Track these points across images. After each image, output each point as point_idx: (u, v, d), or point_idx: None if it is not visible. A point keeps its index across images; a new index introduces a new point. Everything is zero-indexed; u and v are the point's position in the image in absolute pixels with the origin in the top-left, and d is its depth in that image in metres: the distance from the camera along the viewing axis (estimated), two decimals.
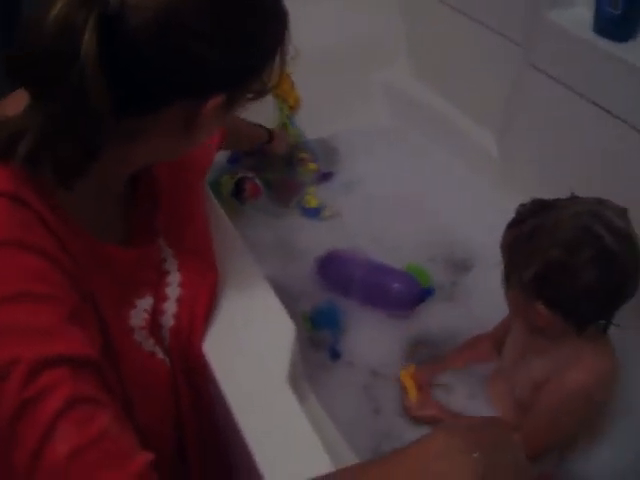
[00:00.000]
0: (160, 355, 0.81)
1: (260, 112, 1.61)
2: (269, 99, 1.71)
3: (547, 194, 1.04)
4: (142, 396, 0.77)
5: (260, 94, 0.78)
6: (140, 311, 0.80)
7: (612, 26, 1.27)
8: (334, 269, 1.45)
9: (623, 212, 0.99)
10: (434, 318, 1.39)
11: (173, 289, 0.85)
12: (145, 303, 0.81)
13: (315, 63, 1.73)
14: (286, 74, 1.70)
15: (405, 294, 1.39)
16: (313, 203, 1.64)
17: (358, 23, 1.80)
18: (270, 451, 0.74)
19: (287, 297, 1.32)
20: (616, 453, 1.09)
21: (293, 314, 1.29)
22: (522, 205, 1.04)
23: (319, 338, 1.34)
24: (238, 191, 1.58)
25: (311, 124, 1.76)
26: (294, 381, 0.82)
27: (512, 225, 1.04)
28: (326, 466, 0.72)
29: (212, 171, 1.53)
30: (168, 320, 0.84)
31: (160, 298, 0.84)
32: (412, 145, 1.77)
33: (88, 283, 0.70)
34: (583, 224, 0.97)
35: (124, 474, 0.58)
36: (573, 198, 1.03)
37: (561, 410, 1.04)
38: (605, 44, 1.27)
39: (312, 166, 1.67)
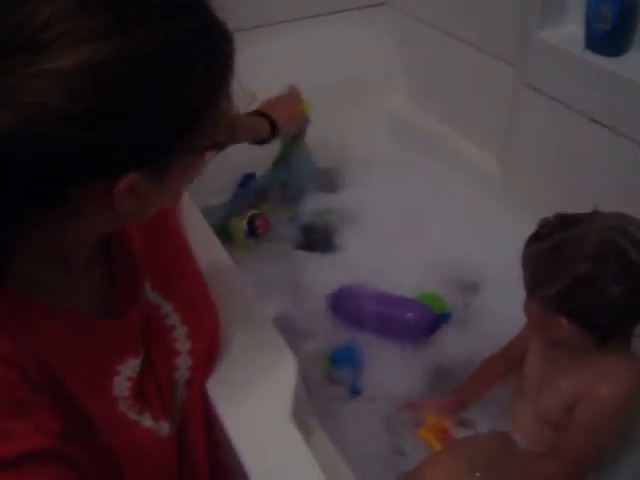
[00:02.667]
0: (147, 423, 0.76)
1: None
2: None
3: (550, 212, 1.04)
4: (133, 464, 0.73)
5: (214, 148, 0.69)
6: (123, 379, 0.75)
7: (603, 42, 1.27)
8: (347, 305, 1.44)
9: None
10: (452, 343, 1.37)
11: (182, 343, 0.83)
12: (128, 369, 0.76)
13: (313, 96, 1.75)
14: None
15: (418, 324, 1.37)
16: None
17: (353, 54, 1.81)
18: None
19: (301, 336, 1.33)
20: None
21: (308, 353, 1.31)
22: (544, 219, 1.03)
23: (339, 376, 1.32)
24: (252, 229, 1.59)
25: (315, 156, 1.78)
26: (299, 417, 0.82)
27: (535, 239, 1.02)
28: None
29: (216, 215, 1.55)
30: (183, 374, 0.82)
31: (172, 354, 0.82)
32: (414, 171, 1.77)
33: (53, 369, 0.66)
34: (609, 239, 0.96)
35: None
36: (595, 213, 1.02)
37: (600, 426, 1.02)
38: (597, 59, 1.28)
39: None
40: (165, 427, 0.78)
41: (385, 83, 1.90)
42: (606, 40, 1.27)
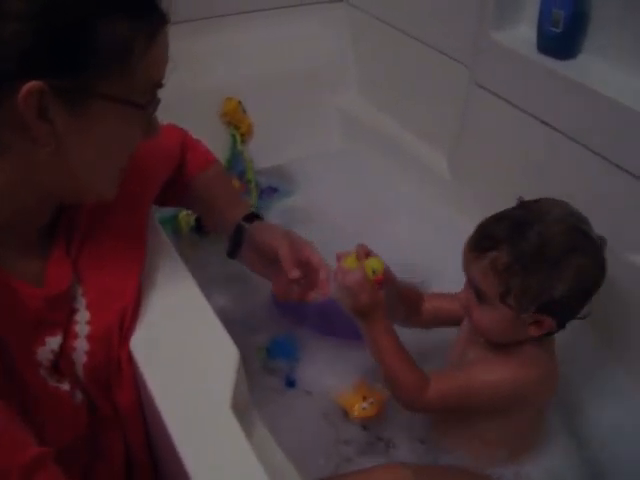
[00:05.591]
0: (65, 388, 0.80)
1: (212, 140, 1.61)
2: (221, 127, 1.73)
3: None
4: (49, 420, 0.77)
5: (128, 105, 0.71)
6: (47, 350, 0.78)
7: (554, 44, 1.28)
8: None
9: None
10: None
11: (82, 327, 0.82)
12: (54, 342, 0.79)
13: (266, 90, 1.74)
14: (237, 101, 1.73)
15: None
16: None
17: (307, 49, 1.81)
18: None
19: (243, 328, 1.31)
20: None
21: (250, 346, 1.29)
22: (487, 227, 1.00)
23: (275, 367, 1.31)
24: (199, 226, 1.57)
25: (265, 151, 1.76)
26: (239, 408, 0.80)
27: (494, 247, 0.96)
28: None
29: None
30: (80, 357, 0.82)
31: (70, 335, 0.82)
32: (365, 168, 1.77)
33: None
34: (573, 226, 0.96)
35: (14, 462, 0.60)
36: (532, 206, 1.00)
37: (474, 387, 1.01)
38: (548, 62, 1.28)
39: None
40: (79, 395, 0.82)
41: (339, 79, 1.89)
42: (558, 43, 1.28)
